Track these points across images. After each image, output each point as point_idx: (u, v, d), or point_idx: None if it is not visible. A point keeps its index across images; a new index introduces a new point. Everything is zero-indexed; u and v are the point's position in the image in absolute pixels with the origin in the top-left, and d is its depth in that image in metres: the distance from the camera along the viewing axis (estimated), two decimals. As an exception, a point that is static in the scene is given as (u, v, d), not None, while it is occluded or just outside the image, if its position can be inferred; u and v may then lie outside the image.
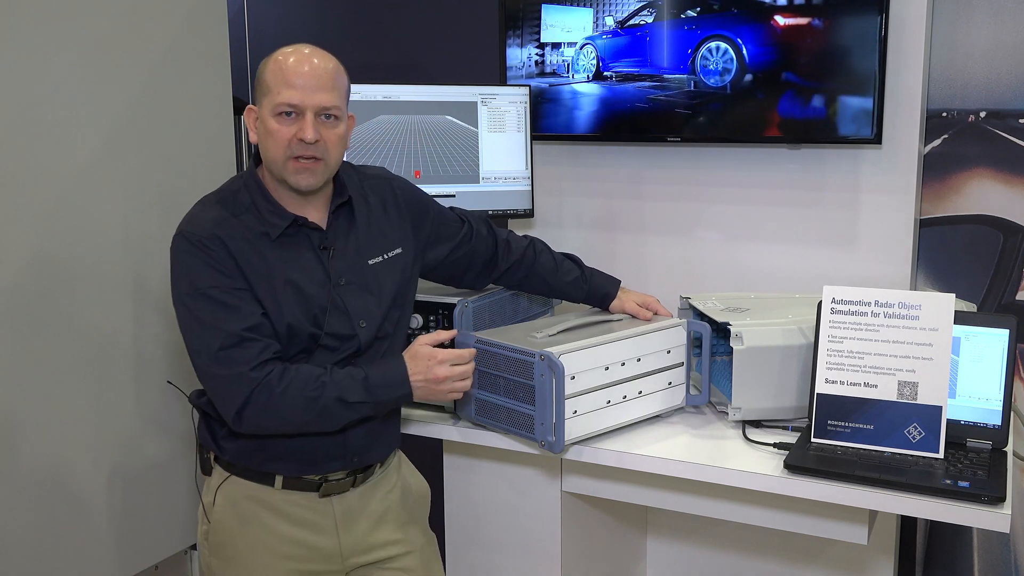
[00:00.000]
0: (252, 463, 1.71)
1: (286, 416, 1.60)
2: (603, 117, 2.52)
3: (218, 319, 1.58)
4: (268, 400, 1.58)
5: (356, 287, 1.71)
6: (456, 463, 2.10)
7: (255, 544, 1.72)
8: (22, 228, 1.90)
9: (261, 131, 1.64)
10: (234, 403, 1.58)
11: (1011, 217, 2.29)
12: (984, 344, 1.74)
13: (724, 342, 1.99)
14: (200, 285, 1.59)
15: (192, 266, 1.60)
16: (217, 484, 1.74)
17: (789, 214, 2.44)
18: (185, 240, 1.61)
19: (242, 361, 1.58)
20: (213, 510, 1.74)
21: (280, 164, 1.62)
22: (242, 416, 1.59)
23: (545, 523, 2.01)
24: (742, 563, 2.52)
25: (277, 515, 1.72)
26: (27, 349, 1.92)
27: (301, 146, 1.60)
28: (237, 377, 1.57)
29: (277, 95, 1.60)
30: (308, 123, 1.60)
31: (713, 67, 2.35)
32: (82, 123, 2.01)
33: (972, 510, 1.54)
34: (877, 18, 2.17)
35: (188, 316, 1.60)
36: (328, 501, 1.74)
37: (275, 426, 1.62)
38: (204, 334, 1.59)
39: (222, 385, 1.59)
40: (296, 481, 1.71)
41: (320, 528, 1.74)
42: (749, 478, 1.69)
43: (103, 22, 2.04)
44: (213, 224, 1.62)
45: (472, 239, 1.94)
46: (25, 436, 1.93)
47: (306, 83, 1.60)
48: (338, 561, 1.77)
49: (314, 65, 1.62)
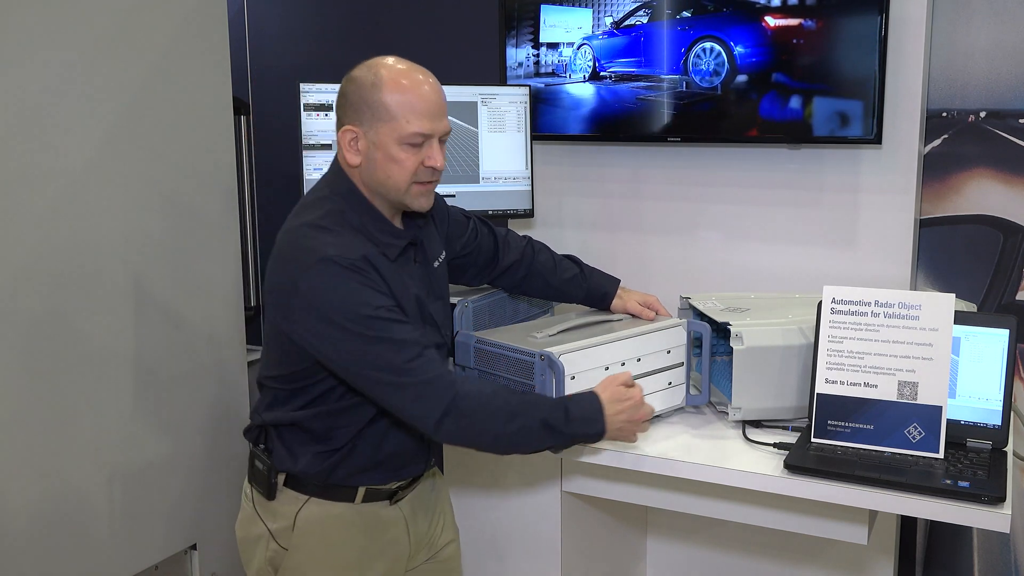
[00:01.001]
0: (338, 478, 1.68)
1: (486, 424, 1.57)
2: (599, 117, 2.52)
3: (394, 334, 1.54)
4: (475, 406, 1.56)
5: (433, 297, 1.73)
6: (456, 463, 2.10)
7: (337, 562, 1.70)
8: (22, 228, 1.90)
9: (378, 158, 1.60)
10: (436, 409, 1.54)
11: (1011, 217, 2.29)
12: (984, 344, 1.74)
13: (724, 342, 1.99)
14: (365, 308, 1.53)
15: (352, 290, 1.54)
16: (295, 509, 1.68)
17: (789, 214, 2.44)
18: (336, 265, 1.53)
19: (433, 367, 1.56)
20: (292, 535, 1.69)
21: (403, 190, 1.61)
22: (442, 424, 1.55)
23: (545, 523, 2.01)
24: (742, 563, 2.52)
25: (358, 529, 1.70)
26: (27, 349, 1.92)
27: (428, 172, 1.61)
28: (436, 381, 1.55)
29: (408, 125, 1.57)
30: (437, 151, 1.61)
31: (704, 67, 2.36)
32: (82, 123, 2.01)
33: (972, 510, 1.54)
34: (877, 18, 2.17)
35: (357, 339, 1.54)
36: (397, 507, 1.74)
37: (470, 435, 1.59)
38: (383, 352, 1.54)
39: (420, 394, 1.55)
40: (375, 492, 1.71)
41: (397, 533, 1.74)
42: (749, 478, 1.69)
43: (103, 22, 2.04)
44: (354, 246, 1.57)
45: (477, 237, 1.96)
46: (25, 436, 1.93)
47: (433, 111, 1.60)
48: (405, 562, 1.78)
49: (434, 90, 1.62)
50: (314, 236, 1.58)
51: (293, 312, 1.57)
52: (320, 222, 1.60)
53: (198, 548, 2.37)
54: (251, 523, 1.75)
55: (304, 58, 3.22)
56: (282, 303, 1.59)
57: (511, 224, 2.73)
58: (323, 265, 1.53)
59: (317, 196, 1.67)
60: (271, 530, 1.71)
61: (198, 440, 2.34)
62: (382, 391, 1.57)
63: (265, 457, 1.70)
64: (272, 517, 1.71)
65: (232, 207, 2.40)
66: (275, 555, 1.71)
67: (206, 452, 2.36)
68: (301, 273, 1.55)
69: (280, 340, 1.63)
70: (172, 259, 2.23)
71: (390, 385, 1.55)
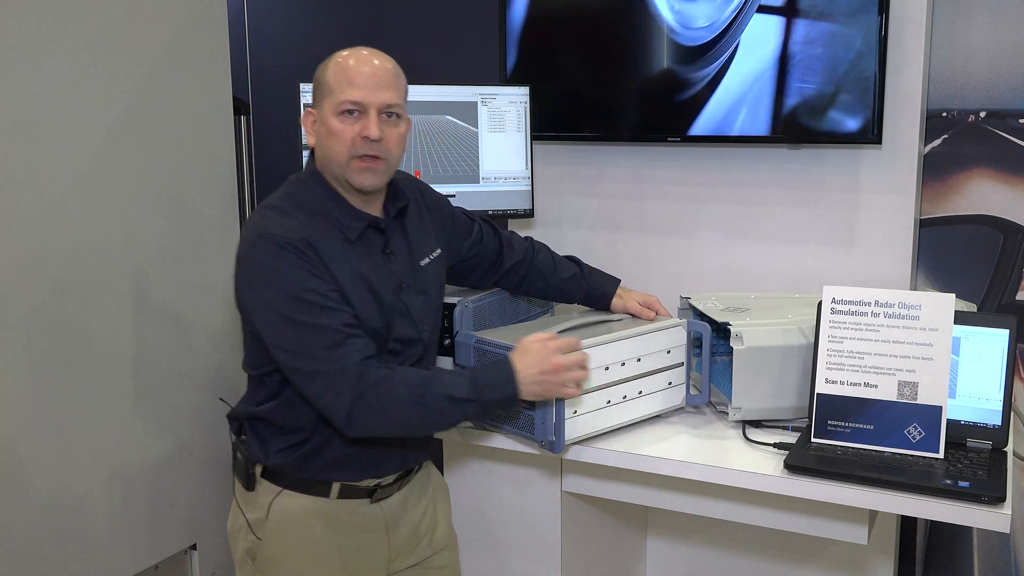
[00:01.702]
0: (310, 472, 1.68)
1: (394, 413, 1.56)
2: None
3: (320, 319, 1.54)
4: (376, 397, 1.54)
5: (414, 290, 1.72)
6: (456, 463, 2.10)
7: (310, 558, 1.70)
8: (22, 228, 1.90)
9: (322, 132, 1.63)
10: (344, 401, 1.54)
11: (1011, 217, 2.29)
12: (984, 344, 1.74)
13: (724, 342, 1.99)
14: (295, 289, 1.54)
15: (283, 269, 1.55)
16: (269, 499, 1.70)
17: (789, 214, 2.44)
18: (273, 243, 1.56)
19: (349, 357, 1.54)
20: (265, 525, 1.70)
21: (343, 164, 1.61)
22: (352, 415, 1.55)
23: (545, 523, 2.01)
24: (742, 563, 2.52)
25: (333, 526, 1.70)
26: (27, 349, 1.92)
27: (365, 144, 1.60)
28: (345, 372, 1.54)
29: (340, 93, 1.59)
30: (372, 120, 1.60)
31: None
32: (82, 123, 2.01)
33: (972, 510, 1.54)
34: (877, 18, 2.17)
35: (283, 320, 1.55)
36: (378, 506, 1.74)
37: (382, 424, 1.58)
38: (305, 336, 1.54)
39: (331, 384, 1.54)
40: (351, 489, 1.70)
41: (372, 534, 1.74)
42: (749, 478, 1.69)
43: (103, 22, 2.04)
44: (299, 228, 1.58)
45: (483, 238, 1.96)
46: (25, 436, 1.93)
47: (369, 81, 1.60)
48: (385, 565, 1.77)
49: (376, 64, 1.63)
50: (264, 216, 1.62)
51: (238, 287, 1.63)
52: (276, 203, 1.65)
53: (198, 548, 2.37)
54: (235, 515, 1.78)
55: (304, 58, 3.22)
56: (235, 280, 1.64)
57: (511, 224, 2.73)
58: (261, 241, 1.57)
59: (287, 182, 1.71)
60: (249, 521, 1.73)
61: (198, 440, 2.34)
62: (299, 378, 1.58)
63: (243, 448, 1.73)
64: (250, 508, 1.73)
65: (232, 207, 2.40)
66: (252, 545, 1.73)
67: (206, 452, 2.36)
68: (244, 248, 1.60)
69: (244, 325, 1.68)
70: (172, 259, 2.22)
71: (306, 373, 1.56)
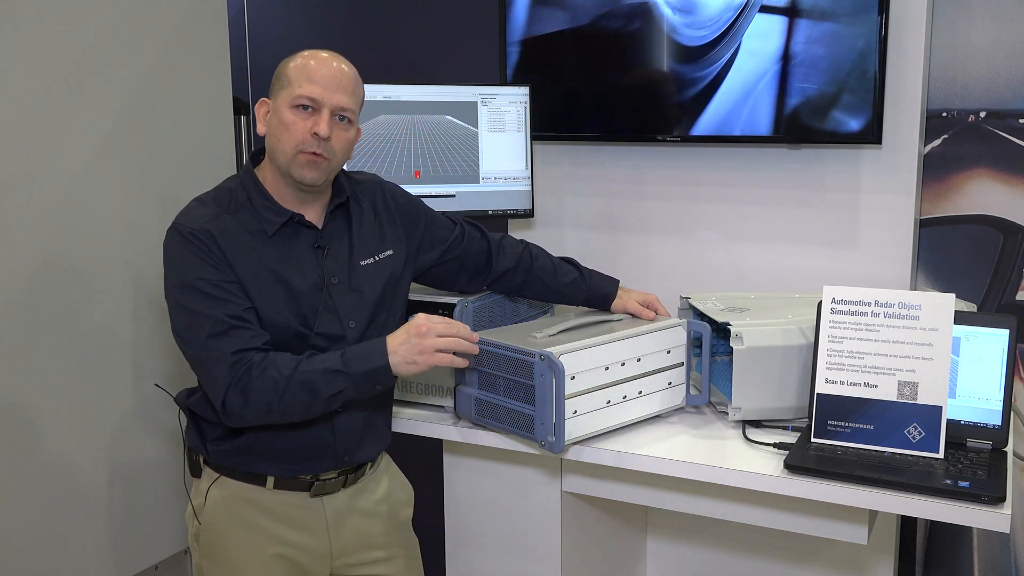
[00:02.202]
0: (242, 464, 1.71)
1: (265, 397, 1.57)
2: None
3: (206, 308, 1.59)
4: (248, 383, 1.57)
5: (345, 287, 1.72)
6: (456, 463, 2.09)
7: (246, 545, 1.72)
8: (22, 228, 1.90)
9: (273, 123, 1.66)
10: (219, 390, 1.58)
11: (1011, 217, 2.29)
12: (984, 344, 1.74)
13: (724, 342, 1.99)
14: (188, 277, 1.60)
15: (182, 258, 1.61)
16: (207, 486, 1.74)
17: (789, 214, 2.43)
18: (177, 233, 1.63)
19: (227, 347, 1.58)
20: (204, 511, 1.74)
21: (289, 156, 1.64)
22: (226, 404, 1.58)
23: (545, 523, 2.01)
24: (742, 563, 2.52)
25: (268, 515, 1.72)
26: (26, 349, 1.92)
27: (313, 141, 1.63)
28: (220, 360, 1.58)
29: (298, 88, 1.63)
30: (324, 119, 1.63)
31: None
32: (82, 123, 2.01)
33: (972, 510, 1.54)
34: (877, 18, 2.17)
35: (177, 307, 1.62)
36: (319, 501, 1.74)
37: (256, 411, 1.59)
38: (192, 323, 1.60)
39: (209, 371, 1.60)
40: (288, 481, 1.72)
41: (311, 528, 1.74)
42: (749, 478, 1.69)
43: (102, 22, 2.04)
44: (205, 219, 1.64)
45: (463, 241, 1.94)
46: (25, 436, 1.93)
47: (328, 82, 1.64)
48: (327, 562, 1.77)
49: (338, 67, 1.67)
50: (186, 208, 1.68)
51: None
52: (202, 196, 1.71)
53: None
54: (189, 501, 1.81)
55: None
56: None
57: (511, 224, 2.73)
58: (170, 232, 1.65)
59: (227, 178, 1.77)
60: (194, 507, 1.77)
61: (198, 440, 2.34)
62: (191, 364, 1.64)
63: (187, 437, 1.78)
64: (195, 494, 1.78)
65: (232, 207, 2.40)
66: (196, 531, 1.77)
67: (206, 452, 2.36)
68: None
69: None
70: (172, 259, 2.22)
71: (193, 359, 1.63)
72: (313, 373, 1.59)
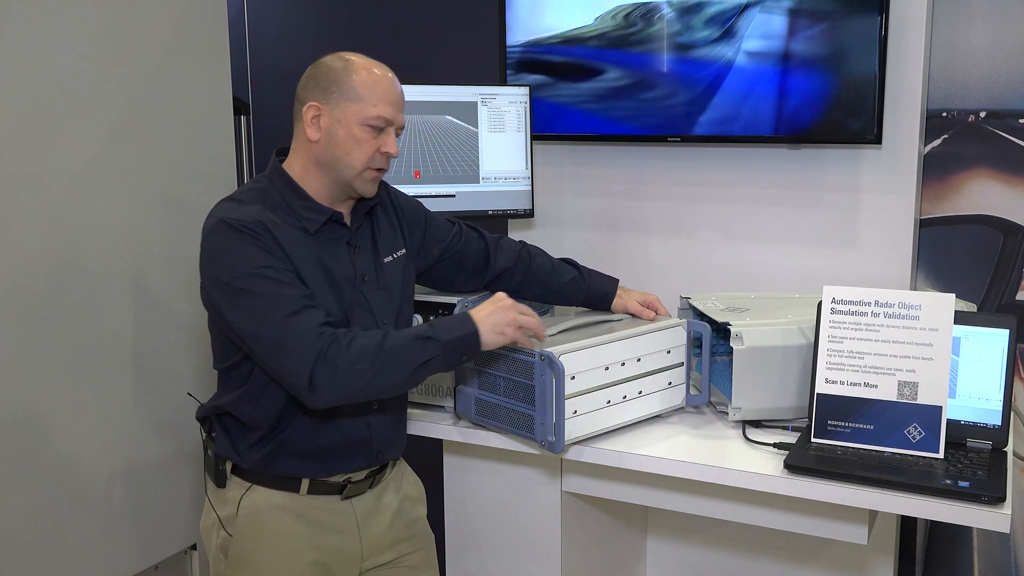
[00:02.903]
0: (278, 468, 1.70)
1: (356, 367, 1.56)
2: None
3: (277, 291, 1.58)
4: (337, 353, 1.55)
5: (375, 284, 1.75)
6: (456, 463, 2.10)
7: (280, 553, 1.71)
8: (22, 228, 1.90)
9: (340, 134, 1.66)
10: (306, 366, 1.54)
11: (1011, 217, 2.29)
12: (984, 344, 1.74)
13: (724, 342, 1.99)
14: (251, 266, 1.58)
15: (240, 249, 1.59)
16: (239, 495, 1.72)
17: (789, 214, 2.43)
18: (229, 226, 1.60)
19: (310, 322, 1.57)
20: (236, 522, 1.72)
21: (357, 172, 1.68)
22: (314, 379, 1.55)
23: (545, 523, 2.01)
24: (742, 563, 2.52)
25: (303, 521, 1.72)
26: (27, 350, 1.92)
27: (383, 159, 1.69)
28: (305, 334, 1.55)
29: (373, 107, 1.66)
30: (393, 140, 1.70)
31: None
32: (82, 123, 2.01)
33: (972, 510, 1.54)
34: (877, 18, 2.17)
35: (240, 296, 1.58)
36: (349, 503, 1.75)
37: (347, 382, 1.56)
38: (263, 306, 1.57)
39: (291, 348, 1.55)
40: (321, 485, 1.72)
41: (343, 530, 1.75)
42: (749, 478, 1.69)
43: (103, 22, 2.04)
44: (255, 213, 1.63)
45: (462, 240, 1.96)
46: (26, 436, 1.93)
47: (397, 102, 1.70)
48: (357, 563, 1.78)
49: (397, 83, 1.72)
50: (221, 206, 1.67)
51: (202, 282, 1.66)
52: (235, 196, 1.70)
53: (198, 548, 2.37)
54: (207, 512, 1.79)
55: (304, 58, 3.20)
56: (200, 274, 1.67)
57: (511, 224, 2.73)
58: (217, 227, 1.61)
59: (249, 180, 1.76)
60: (220, 517, 1.75)
61: (198, 440, 2.33)
62: (260, 347, 1.59)
63: (212, 445, 1.76)
64: (221, 504, 1.75)
65: (232, 207, 2.40)
66: (224, 542, 1.75)
67: (206, 452, 2.36)
68: (204, 237, 1.64)
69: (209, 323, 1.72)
70: (172, 259, 2.23)
71: (266, 340, 1.57)
72: (404, 339, 1.60)
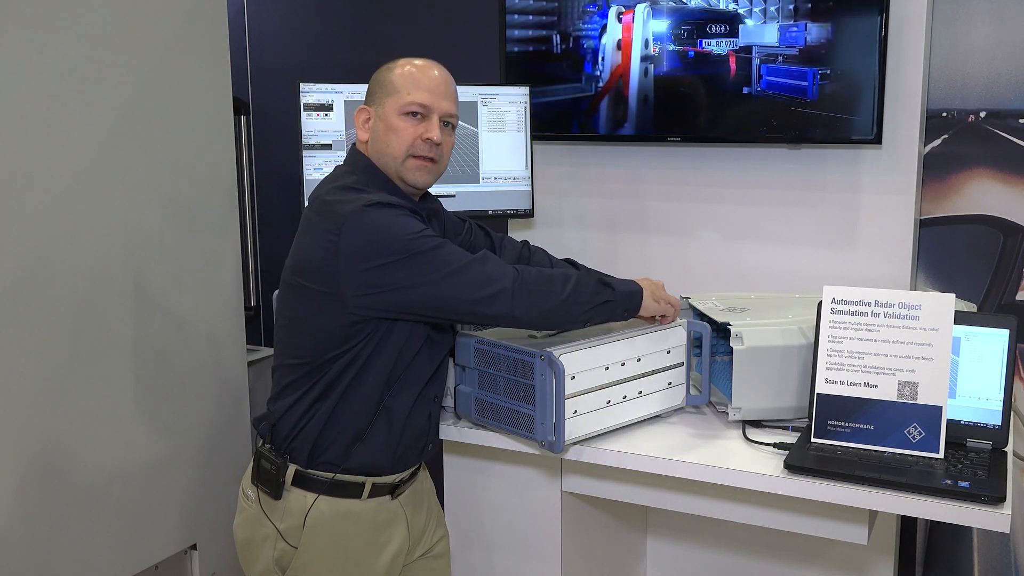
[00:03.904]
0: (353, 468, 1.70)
1: (552, 287, 1.65)
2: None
3: (446, 245, 1.62)
4: (531, 275, 1.64)
5: None
6: (456, 463, 2.09)
7: (346, 560, 1.73)
8: (22, 228, 1.90)
9: (380, 129, 1.70)
10: (507, 283, 1.61)
11: (1011, 217, 2.29)
12: (984, 344, 1.74)
13: (724, 342, 1.99)
14: (415, 230, 1.61)
15: (401, 221, 1.61)
16: (304, 506, 1.70)
17: (789, 214, 2.43)
18: (383, 206, 1.61)
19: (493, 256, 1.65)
20: (303, 534, 1.70)
21: (400, 160, 1.69)
22: (516, 293, 1.61)
23: (545, 523, 2.01)
24: (742, 563, 2.52)
25: (366, 525, 1.74)
26: (27, 349, 1.92)
27: (425, 146, 1.69)
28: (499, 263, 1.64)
29: (408, 95, 1.68)
30: (435, 124, 1.69)
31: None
32: (82, 123, 2.01)
33: (972, 510, 1.54)
34: (877, 18, 2.17)
35: (414, 257, 1.59)
36: (397, 502, 1.79)
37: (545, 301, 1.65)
38: (441, 256, 1.61)
39: (489, 273, 1.62)
40: (380, 487, 1.75)
41: (398, 527, 1.79)
42: (749, 478, 1.69)
43: (103, 22, 2.04)
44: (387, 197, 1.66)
45: (473, 237, 1.99)
46: (26, 436, 1.93)
47: (436, 88, 1.70)
48: (404, 556, 1.81)
49: (443, 74, 1.73)
50: (347, 198, 1.63)
51: (338, 276, 1.60)
52: (351, 185, 1.67)
53: (198, 548, 2.37)
54: (256, 524, 1.75)
55: (304, 58, 3.22)
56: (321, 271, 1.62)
57: (511, 224, 2.73)
58: (369, 210, 1.60)
59: (340, 173, 1.73)
60: (280, 530, 1.72)
61: (198, 440, 2.34)
62: (452, 286, 1.60)
63: (272, 456, 1.72)
64: (280, 517, 1.72)
65: (232, 207, 2.41)
66: (283, 555, 1.72)
67: (206, 452, 2.36)
68: (347, 230, 1.59)
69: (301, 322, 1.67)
70: (172, 259, 2.23)
71: (458, 274, 1.60)
72: (587, 278, 1.71)
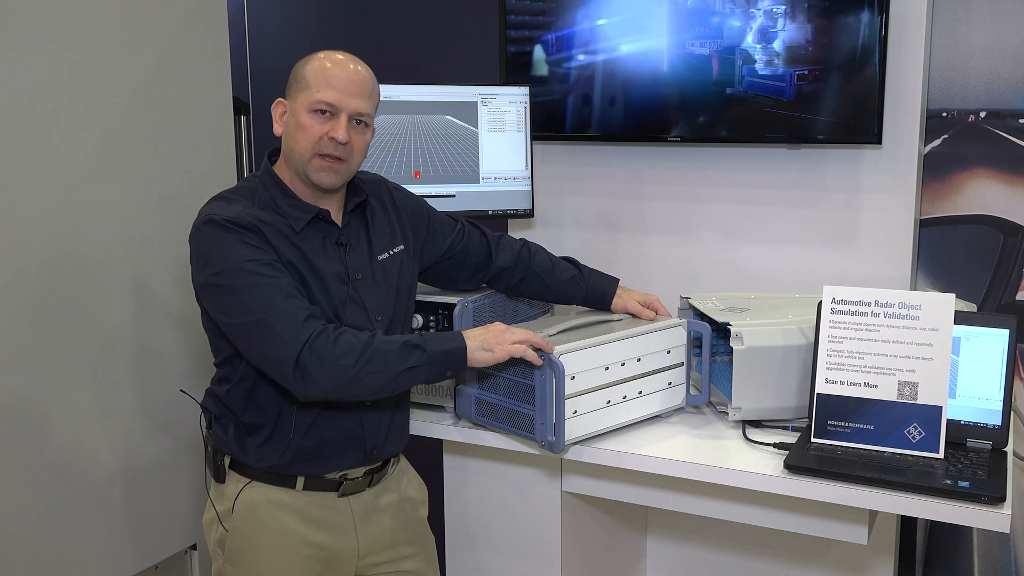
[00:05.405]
0: (274, 463, 1.70)
1: (341, 361, 1.55)
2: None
3: (264, 281, 1.57)
4: (324, 345, 1.55)
5: (369, 282, 1.75)
6: (456, 463, 2.09)
7: (276, 549, 1.72)
8: (22, 228, 1.90)
9: (291, 124, 1.68)
10: (292, 351, 1.54)
11: (1011, 217, 2.29)
12: (984, 344, 1.74)
13: (724, 342, 1.99)
14: (237, 261, 1.58)
15: (229, 245, 1.59)
16: (236, 491, 1.72)
17: (789, 214, 2.44)
18: (216, 224, 1.60)
19: (297, 310, 1.57)
20: (232, 517, 1.73)
21: (305, 159, 1.66)
22: (300, 365, 1.54)
23: (545, 523, 2.01)
24: (742, 563, 2.52)
25: (298, 518, 1.72)
26: (27, 350, 1.92)
27: (330, 145, 1.65)
28: (292, 319, 1.55)
29: (316, 92, 1.65)
30: (342, 124, 1.65)
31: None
32: (82, 123, 2.01)
33: (972, 510, 1.54)
34: (877, 18, 2.17)
35: (227, 289, 1.58)
36: (346, 501, 1.76)
37: (332, 375, 1.56)
38: (251, 295, 1.57)
39: (278, 335, 1.55)
40: (316, 481, 1.72)
41: (340, 528, 1.75)
42: (749, 478, 1.69)
43: (103, 22, 2.04)
44: (242, 210, 1.63)
45: (465, 238, 1.97)
46: (26, 436, 1.93)
47: (346, 87, 1.66)
48: (354, 561, 1.78)
49: (355, 71, 1.68)
50: (210, 204, 1.67)
51: (192, 274, 1.66)
52: (224, 194, 1.70)
53: (198, 548, 2.37)
54: (208, 507, 1.80)
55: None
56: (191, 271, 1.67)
57: (511, 224, 2.73)
58: (206, 225, 1.61)
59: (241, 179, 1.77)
60: (218, 512, 1.75)
61: (198, 440, 2.33)
62: (246, 334, 1.58)
63: (211, 440, 1.76)
64: (219, 499, 1.76)
65: (232, 207, 2.40)
66: (221, 537, 1.75)
67: (206, 452, 2.36)
68: (192, 235, 1.64)
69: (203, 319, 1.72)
70: (172, 259, 2.23)
71: (252, 326, 1.57)
72: (391, 343, 1.60)
